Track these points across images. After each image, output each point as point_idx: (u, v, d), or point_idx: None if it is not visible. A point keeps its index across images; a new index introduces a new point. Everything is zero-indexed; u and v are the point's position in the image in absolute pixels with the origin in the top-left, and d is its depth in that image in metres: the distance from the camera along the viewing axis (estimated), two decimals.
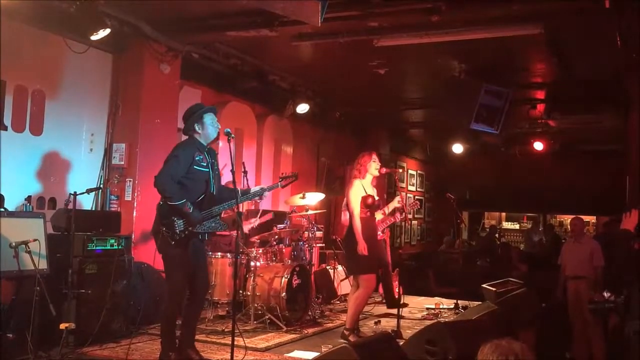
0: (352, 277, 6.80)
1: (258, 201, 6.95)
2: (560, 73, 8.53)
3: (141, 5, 6.42)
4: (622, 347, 4.31)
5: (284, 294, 6.68)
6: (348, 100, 10.57)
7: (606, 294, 4.46)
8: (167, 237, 4.88)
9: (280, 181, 5.73)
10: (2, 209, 5.37)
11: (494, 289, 6.47)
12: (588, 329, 6.97)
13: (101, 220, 6.22)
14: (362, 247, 6.02)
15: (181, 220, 4.86)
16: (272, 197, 9.74)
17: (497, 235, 16.10)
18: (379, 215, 6.63)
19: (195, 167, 4.97)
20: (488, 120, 8.20)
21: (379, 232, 7.58)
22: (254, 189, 5.43)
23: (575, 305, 7.19)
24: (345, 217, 6.90)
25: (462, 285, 9.02)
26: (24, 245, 4.82)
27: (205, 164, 5.04)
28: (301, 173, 10.57)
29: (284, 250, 7.59)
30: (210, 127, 5.10)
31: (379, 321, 7.10)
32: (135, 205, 6.92)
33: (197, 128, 5.09)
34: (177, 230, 4.86)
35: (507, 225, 18.24)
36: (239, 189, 5.26)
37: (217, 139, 5.16)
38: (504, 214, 18.62)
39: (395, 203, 7.10)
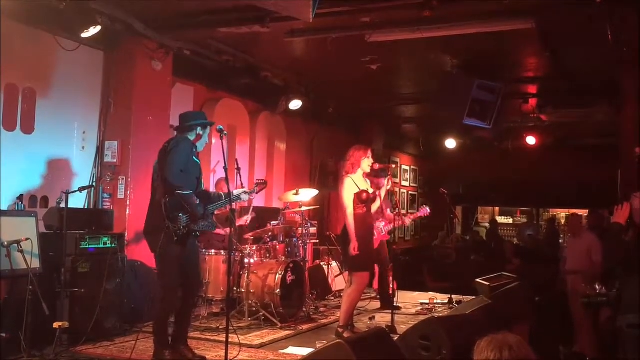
0: (347, 273, 6.80)
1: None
2: (552, 67, 8.55)
3: (132, 2, 6.38)
4: (614, 340, 4.34)
5: (278, 290, 6.68)
6: (341, 96, 10.56)
7: (598, 287, 4.48)
8: (171, 233, 4.89)
9: (255, 187, 5.87)
10: None
11: (487, 283, 6.49)
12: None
13: (94, 218, 6.20)
14: (354, 247, 6.00)
15: (185, 216, 4.91)
16: (265, 194, 9.73)
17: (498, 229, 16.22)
18: (374, 207, 6.53)
19: (194, 158, 5.10)
20: (481, 115, 8.22)
21: (382, 232, 7.63)
22: (237, 190, 5.51)
23: (574, 299, 7.22)
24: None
25: (456, 280, 9.04)
26: (16, 245, 4.81)
27: (198, 160, 5.17)
28: (295, 169, 10.66)
29: (277, 246, 7.58)
30: (205, 137, 5.25)
31: (374, 317, 7.11)
32: (128, 203, 6.90)
33: (199, 131, 5.21)
34: (181, 226, 4.89)
35: (500, 219, 18.27)
36: (222, 193, 5.35)
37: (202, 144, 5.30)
38: (497, 209, 18.67)
39: (385, 187, 7.02)
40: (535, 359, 2.27)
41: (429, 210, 8.15)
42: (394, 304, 7.34)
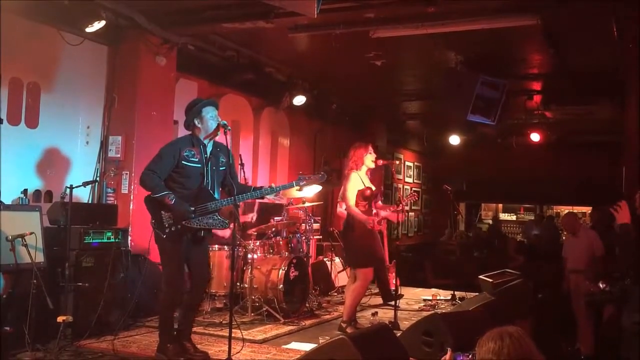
0: (349, 269, 6.81)
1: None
2: (557, 64, 8.53)
3: None
4: (618, 337, 4.33)
5: (282, 286, 6.69)
6: (345, 92, 10.56)
7: (602, 285, 4.46)
8: (157, 230, 4.91)
9: (299, 180, 5.28)
10: None
11: (491, 280, 6.51)
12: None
13: (98, 213, 6.21)
14: (369, 222, 6.03)
15: (168, 214, 4.88)
16: None
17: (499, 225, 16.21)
18: None
19: (184, 162, 4.95)
20: (485, 112, 8.20)
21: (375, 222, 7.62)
22: (266, 188, 5.25)
23: (577, 298, 7.23)
24: (340, 208, 6.90)
25: (459, 277, 9.05)
26: (20, 239, 4.81)
27: (197, 159, 5.00)
28: (298, 165, 10.64)
29: (281, 242, 7.59)
30: (210, 120, 5.06)
31: (376, 312, 7.12)
32: (131, 197, 6.91)
33: (196, 123, 5.08)
34: (166, 224, 4.88)
35: (503, 216, 18.27)
36: (252, 186, 5.24)
37: (216, 130, 5.10)
38: (500, 205, 18.65)
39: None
40: (535, 349, 2.28)
41: (416, 195, 8.17)
42: (397, 299, 7.34)
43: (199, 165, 5.02)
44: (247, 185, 5.29)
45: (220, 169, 5.16)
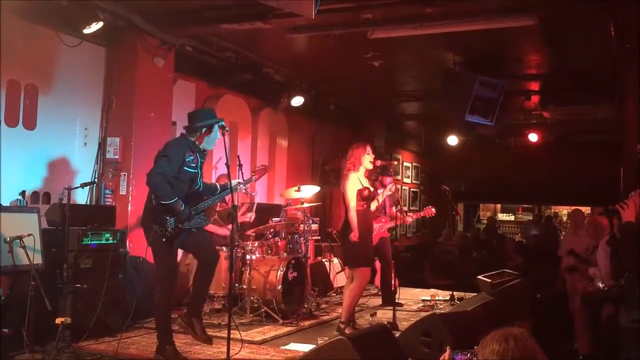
0: (348, 269, 6.82)
1: (253, 194, 6.95)
2: (555, 64, 8.55)
3: None
4: (616, 336, 4.32)
5: (280, 287, 6.69)
6: (343, 92, 10.56)
7: (601, 285, 4.46)
8: (159, 235, 4.90)
9: (252, 175, 5.81)
10: None
11: (489, 280, 6.52)
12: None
13: (96, 214, 6.21)
14: (355, 235, 6.02)
15: (172, 219, 4.89)
16: (266, 190, 9.74)
17: (496, 226, 16.22)
18: (372, 205, 6.62)
19: (185, 168, 4.98)
20: (483, 112, 8.20)
21: (382, 229, 7.70)
22: (233, 181, 5.39)
23: (573, 297, 7.24)
24: None
25: (457, 277, 9.05)
26: (18, 240, 4.81)
27: (194, 165, 5.05)
28: (296, 166, 10.66)
29: (279, 243, 7.59)
30: (213, 140, 5.16)
31: (375, 313, 7.12)
32: (130, 199, 6.90)
33: (202, 132, 5.12)
34: (169, 228, 4.89)
35: (502, 216, 18.29)
36: (217, 185, 5.31)
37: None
38: (499, 206, 18.67)
39: (387, 192, 7.16)
40: (539, 350, 2.28)
41: (434, 211, 8.21)
42: (396, 301, 7.35)
43: (195, 171, 5.08)
44: (211, 183, 5.45)
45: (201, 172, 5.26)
